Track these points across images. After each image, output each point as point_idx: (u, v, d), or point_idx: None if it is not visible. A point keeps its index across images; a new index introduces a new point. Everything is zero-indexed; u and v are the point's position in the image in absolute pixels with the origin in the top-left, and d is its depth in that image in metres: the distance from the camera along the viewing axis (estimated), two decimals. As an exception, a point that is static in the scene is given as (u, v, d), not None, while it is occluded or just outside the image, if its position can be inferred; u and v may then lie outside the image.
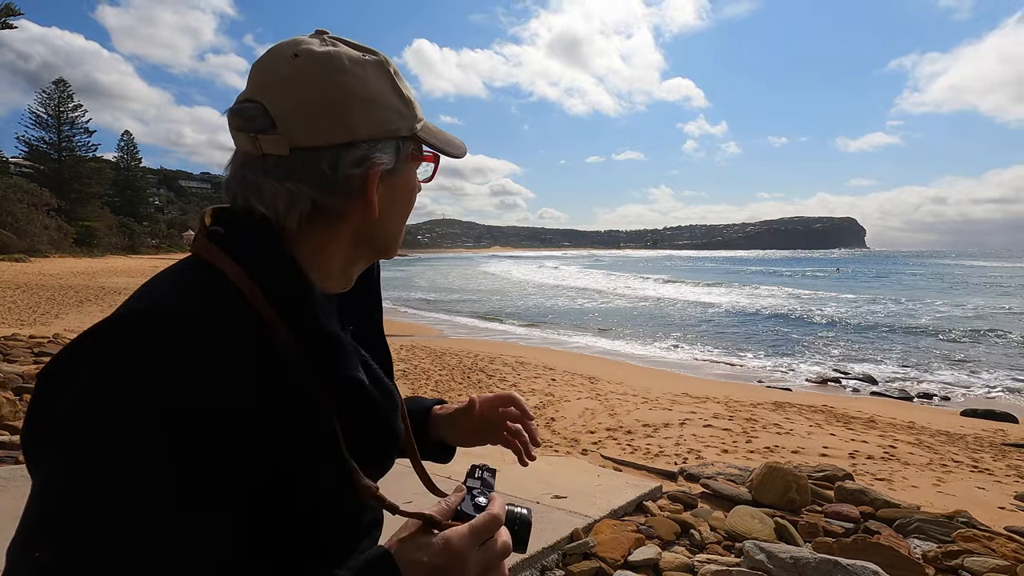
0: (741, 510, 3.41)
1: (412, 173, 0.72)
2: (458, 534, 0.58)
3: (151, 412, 0.49)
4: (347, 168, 0.62)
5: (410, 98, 0.69)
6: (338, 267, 0.70)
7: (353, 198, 0.64)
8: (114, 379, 0.50)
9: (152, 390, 0.49)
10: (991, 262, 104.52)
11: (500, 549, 0.60)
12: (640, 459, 5.10)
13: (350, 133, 0.62)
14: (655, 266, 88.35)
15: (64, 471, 0.48)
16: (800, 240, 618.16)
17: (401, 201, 0.71)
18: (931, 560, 2.93)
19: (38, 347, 7.76)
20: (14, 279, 23.69)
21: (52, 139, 62.64)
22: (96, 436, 0.48)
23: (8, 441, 3.83)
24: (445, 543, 0.57)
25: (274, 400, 0.55)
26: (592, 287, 38.68)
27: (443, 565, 0.56)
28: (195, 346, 0.52)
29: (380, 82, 0.66)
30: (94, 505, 0.47)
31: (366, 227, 0.68)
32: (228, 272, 0.58)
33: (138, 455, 0.48)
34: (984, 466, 5.53)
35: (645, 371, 10.98)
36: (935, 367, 12.56)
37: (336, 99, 0.62)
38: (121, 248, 61.84)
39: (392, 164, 0.66)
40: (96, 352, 0.52)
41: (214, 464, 0.50)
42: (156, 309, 0.55)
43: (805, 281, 49.91)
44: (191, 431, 0.49)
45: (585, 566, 2.75)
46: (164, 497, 0.48)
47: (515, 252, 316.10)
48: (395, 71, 0.68)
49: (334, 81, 0.62)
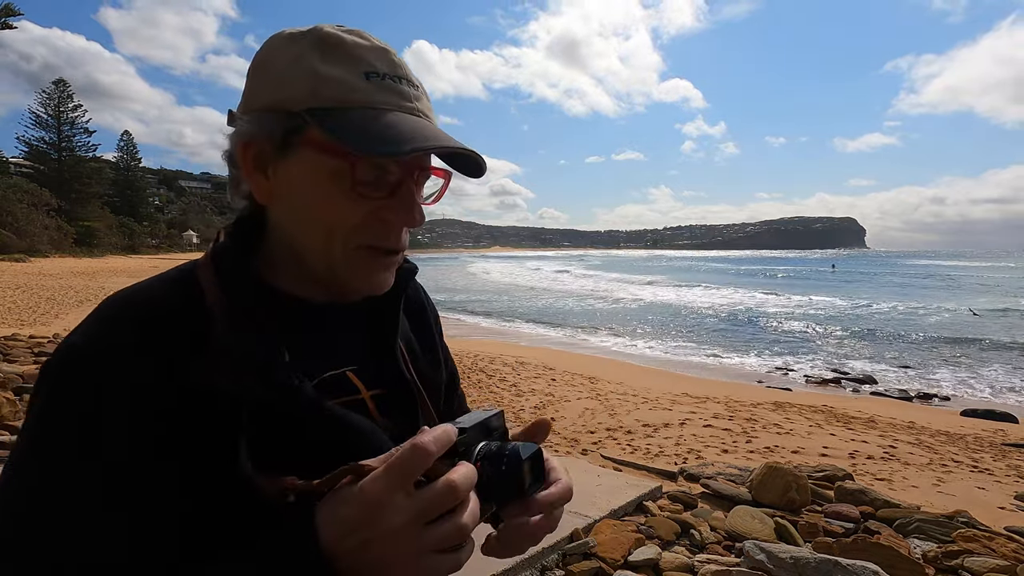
0: (741, 510, 3.41)
1: (318, 164, 0.58)
2: (371, 477, 0.46)
3: (67, 384, 0.51)
4: (231, 142, 0.62)
5: (320, 72, 0.57)
6: (300, 272, 0.63)
7: (244, 177, 0.62)
8: (51, 358, 0.53)
9: (74, 365, 0.52)
10: (987, 262, 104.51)
11: (441, 489, 0.45)
12: (640, 459, 5.10)
13: (240, 106, 0.62)
14: (644, 267, 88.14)
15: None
16: (800, 240, 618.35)
17: (304, 194, 0.59)
18: (931, 560, 2.93)
19: (38, 347, 7.77)
20: (14, 279, 23.69)
21: (52, 139, 62.71)
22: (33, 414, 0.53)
23: (8, 441, 3.83)
24: (358, 490, 0.46)
25: (186, 393, 0.53)
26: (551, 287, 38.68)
27: (357, 516, 0.45)
28: (131, 334, 0.53)
29: (287, 51, 0.59)
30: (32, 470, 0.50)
31: (277, 220, 0.63)
32: (200, 270, 0.60)
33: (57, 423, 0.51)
34: (984, 466, 5.52)
35: (645, 371, 10.98)
36: (935, 367, 12.56)
37: (248, 74, 0.62)
38: (121, 248, 61.90)
39: (275, 140, 0.58)
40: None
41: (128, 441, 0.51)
42: (124, 300, 0.58)
43: (804, 280, 49.91)
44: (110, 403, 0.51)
45: (585, 566, 2.75)
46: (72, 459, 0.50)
47: (513, 252, 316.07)
48: (329, 42, 0.59)
49: (254, 58, 0.62)
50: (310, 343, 0.63)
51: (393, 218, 0.61)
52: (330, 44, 0.59)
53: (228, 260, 0.60)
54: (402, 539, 0.44)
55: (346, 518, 0.45)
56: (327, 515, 0.46)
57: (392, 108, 0.59)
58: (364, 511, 0.45)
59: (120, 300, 0.57)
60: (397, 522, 0.44)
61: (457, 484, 0.46)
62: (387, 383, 0.68)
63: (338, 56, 0.58)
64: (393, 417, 0.67)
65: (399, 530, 0.44)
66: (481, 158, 0.62)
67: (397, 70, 0.61)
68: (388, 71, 0.60)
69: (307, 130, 0.57)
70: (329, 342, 0.66)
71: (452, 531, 0.46)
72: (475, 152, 0.61)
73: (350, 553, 0.45)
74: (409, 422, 0.67)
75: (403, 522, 0.44)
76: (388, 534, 0.44)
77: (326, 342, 0.65)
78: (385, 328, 0.71)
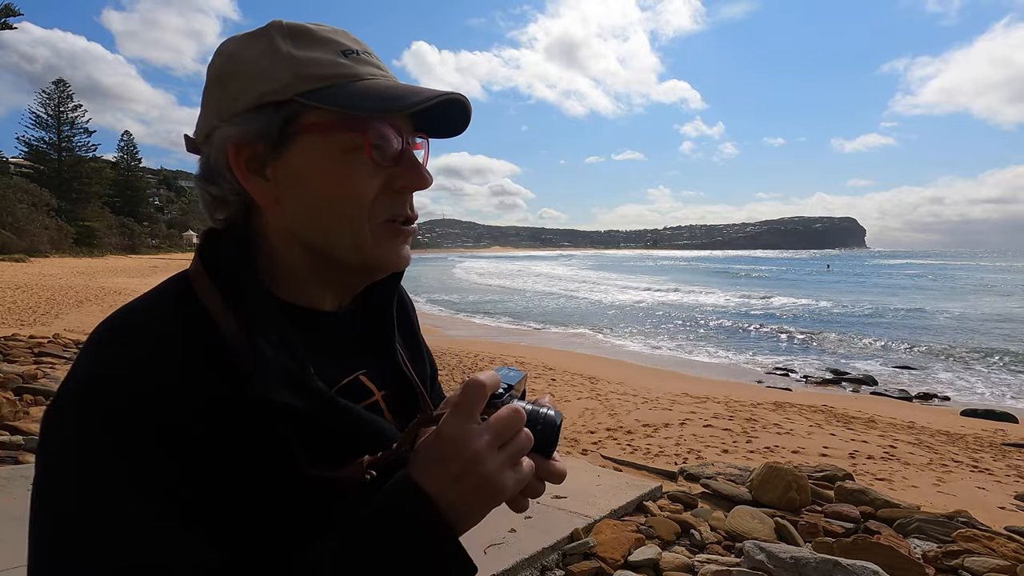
0: (741, 510, 3.41)
1: (319, 149, 0.57)
2: (444, 420, 0.52)
3: (93, 413, 0.49)
4: (212, 155, 0.58)
5: (296, 56, 0.56)
6: (306, 279, 0.63)
7: (239, 187, 0.58)
8: (66, 388, 0.51)
9: (96, 394, 0.49)
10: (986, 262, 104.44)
11: (507, 413, 0.52)
12: (640, 459, 5.11)
13: (215, 117, 0.58)
14: (641, 267, 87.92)
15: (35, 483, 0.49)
16: (801, 240, 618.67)
17: (314, 184, 0.58)
18: (931, 560, 2.93)
19: (38, 347, 7.77)
20: (14, 279, 23.68)
21: (52, 139, 62.65)
22: (54, 444, 0.50)
23: (8, 441, 3.83)
24: (436, 433, 0.51)
25: (214, 409, 0.52)
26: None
27: (445, 454, 0.50)
28: (144, 352, 0.52)
29: (249, 51, 0.58)
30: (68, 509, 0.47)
31: (282, 224, 0.60)
32: (195, 283, 0.57)
33: (91, 455, 0.48)
34: (984, 466, 5.53)
35: (645, 371, 10.98)
36: (935, 367, 12.57)
37: (208, 86, 0.60)
38: (121, 248, 61.88)
39: (267, 138, 0.57)
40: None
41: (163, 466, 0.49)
42: (122, 322, 0.55)
43: (803, 280, 49.89)
44: (133, 431, 0.49)
45: (585, 566, 2.75)
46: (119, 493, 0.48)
47: (512, 252, 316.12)
48: (290, 30, 0.58)
49: (212, 68, 0.60)
50: (320, 350, 0.63)
51: (405, 184, 0.61)
52: (298, 32, 0.58)
53: (231, 270, 0.57)
54: (486, 461, 0.50)
55: (436, 459, 0.51)
56: (420, 464, 0.51)
57: (376, 77, 0.59)
58: (450, 447, 0.50)
59: (119, 324, 0.55)
60: (479, 447, 0.50)
61: (519, 407, 0.53)
62: (391, 383, 0.69)
63: (308, 41, 0.58)
64: (398, 415, 0.68)
65: (482, 453, 0.50)
66: (467, 101, 0.62)
67: (365, 47, 0.62)
68: (360, 49, 0.61)
69: (303, 116, 0.56)
70: (336, 347, 0.66)
71: (523, 444, 0.53)
72: (464, 96, 0.61)
73: (448, 488, 0.50)
74: (412, 418, 0.69)
75: (484, 446, 0.50)
76: (473, 459, 0.50)
77: (334, 347, 0.65)
78: (383, 328, 0.72)
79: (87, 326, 11.65)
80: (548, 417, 0.57)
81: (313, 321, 0.64)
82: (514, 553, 2.67)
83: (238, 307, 0.55)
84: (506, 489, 0.51)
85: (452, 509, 0.50)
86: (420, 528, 0.50)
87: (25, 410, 4.67)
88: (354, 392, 0.64)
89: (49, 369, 6.49)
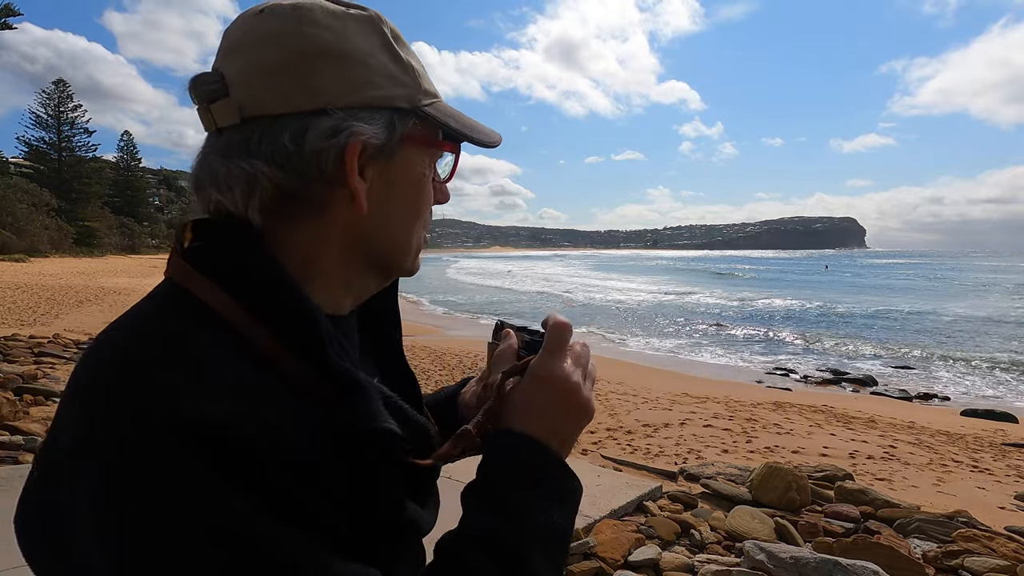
0: (741, 510, 3.41)
1: (418, 161, 0.57)
2: (536, 363, 0.57)
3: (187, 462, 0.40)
4: (315, 140, 0.49)
5: (412, 65, 0.56)
6: (338, 284, 0.57)
7: (329, 183, 0.51)
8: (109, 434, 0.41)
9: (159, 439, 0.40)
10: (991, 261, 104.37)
11: (580, 347, 0.60)
12: (640, 459, 5.10)
13: (318, 98, 0.50)
14: (641, 268, 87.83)
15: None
16: (801, 240, 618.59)
17: (403, 195, 0.56)
18: (931, 560, 2.93)
19: (38, 347, 7.77)
20: (14, 279, 23.68)
21: (52, 139, 62.66)
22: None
23: (8, 441, 3.83)
24: (531, 378, 0.57)
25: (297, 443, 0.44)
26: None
27: (549, 395, 0.56)
28: (214, 381, 0.43)
29: (365, 39, 0.53)
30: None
31: (357, 228, 0.54)
32: (206, 297, 0.47)
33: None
34: (984, 466, 5.53)
35: (645, 371, 10.98)
36: (935, 367, 12.57)
37: (300, 56, 0.50)
38: (121, 248, 61.89)
39: (382, 141, 0.52)
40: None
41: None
42: (119, 359, 0.45)
43: (800, 281, 49.89)
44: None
45: (585, 566, 2.75)
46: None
47: (512, 252, 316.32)
48: (393, 31, 0.55)
49: (299, 33, 0.50)
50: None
51: (439, 199, 0.64)
52: (397, 34, 0.56)
53: (263, 278, 0.48)
54: (585, 392, 0.58)
55: (542, 403, 0.56)
56: (523, 414, 0.56)
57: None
58: (555, 386, 0.56)
59: (137, 343, 0.45)
60: (577, 379, 0.57)
61: (583, 343, 0.61)
62: (399, 382, 0.67)
63: (406, 46, 0.56)
64: None
65: (579, 383, 0.57)
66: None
67: None
68: None
69: (411, 126, 0.55)
70: (352, 353, 0.61)
71: (593, 365, 0.61)
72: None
73: (557, 426, 0.57)
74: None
75: (579, 377, 0.58)
76: (574, 391, 0.57)
77: (351, 354, 0.62)
78: (393, 327, 0.72)
79: (87, 326, 11.66)
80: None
81: (338, 327, 0.58)
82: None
83: (267, 321, 0.47)
84: (592, 406, 0.59)
85: (563, 446, 0.57)
86: (546, 477, 0.55)
87: (25, 410, 4.67)
88: None
89: (49, 369, 6.49)
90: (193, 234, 0.51)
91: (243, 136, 0.50)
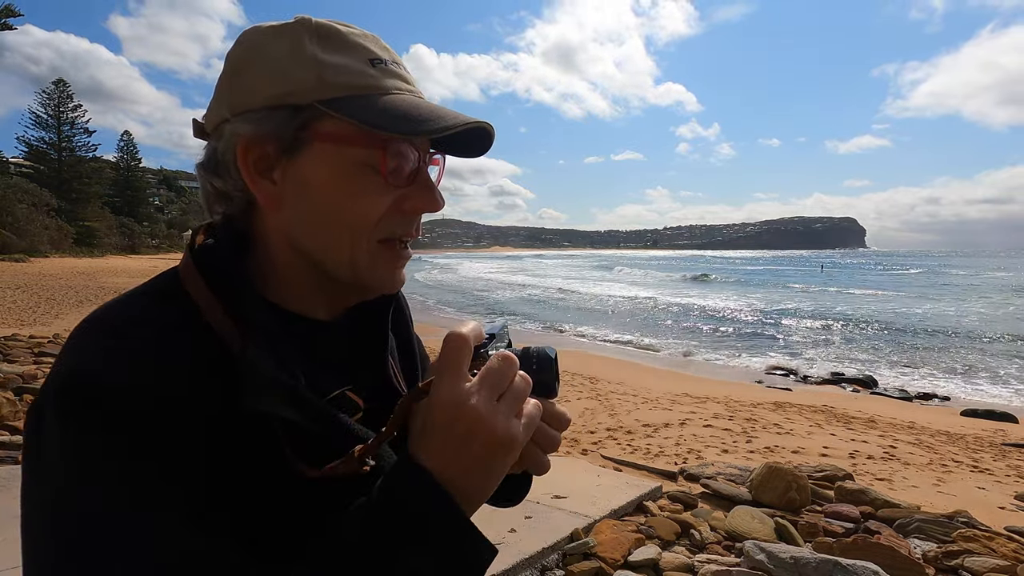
0: (741, 510, 3.41)
1: (335, 159, 0.55)
2: (434, 385, 0.48)
3: (115, 413, 0.46)
4: (222, 147, 0.56)
5: (329, 62, 0.54)
6: (296, 284, 0.60)
7: (241, 184, 0.56)
8: (53, 385, 0.48)
9: (113, 394, 0.46)
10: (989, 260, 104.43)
11: (496, 362, 0.49)
12: (640, 459, 5.10)
13: (228, 108, 0.56)
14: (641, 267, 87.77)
15: (43, 495, 0.46)
16: (801, 240, 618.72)
17: (319, 194, 0.55)
18: (931, 560, 2.93)
19: (38, 347, 7.77)
20: (14, 279, 23.69)
21: (52, 139, 62.69)
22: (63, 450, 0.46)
23: (8, 441, 3.83)
24: (429, 402, 0.48)
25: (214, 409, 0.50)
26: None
27: (444, 419, 0.47)
28: (152, 354, 0.49)
29: (277, 46, 0.55)
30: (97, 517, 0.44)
31: (282, 229, 0.58)
32: (185, 281, 0.55)
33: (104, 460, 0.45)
34: (984, 466, 5.53)
35: (645, 371, 10.98)
36: (935, 367, 12.56)
37: (226, 74, 0.57)
38: (121, 248, 61.90)
39: (276, 141, 0.54)
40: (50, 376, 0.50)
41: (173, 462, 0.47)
42: (121, 320, 0.52)
43: (798, 280, 49.92)
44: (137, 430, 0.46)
45: (585, 566, 2.75)
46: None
47: (512, 252, 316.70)
48: (319, 32, 0.55)
49: (230, 54, 0.58)
50: (311, 359, 0.59)
51: (416, 206, 0.59)
52: (327, 33, 0.55)
53: (223, 270, 0.55)
54: (488, 415, 0.47)
55: (435, 428, 0.47)
56: (418, 440, 0.48)
57: (402, 92, 0.57)
58: (447, 412, 0.47)
59: (112, 317, 0.52)
60: (477, 403, 0.47)
61: (508, 354, 0.50)
62: (380, 396, 0.65)
63: (337, 45, 0.55)
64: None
65: (481, 409, 0.46)
66: (492, 131, 0.60)
67: (394, 56, 0.60)
68: (388, 58, 0.58)
69: (319, 123, 0.54)
70: (327, 357, 0.62)
71: (522, 388, 0.50)
72: (491, 125, 0.59)
73: (456, 456, 0.47)
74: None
75: (482, 401, 0.47)
76: (474, 418, 0.46)
77: (324, 357, 0.62)
78: (376, 342, 0.68)
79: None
80: (541, 354, 0.54)
81: (305, 329, 0.61)
82: (514, 553, 2.66)
83: (231, 310, 0.53)
84: (516, 438, 0.48)
85: (464, 478, 0.47)
86: (422, 507, 0.45)
87: (25, 410, 4.67)
88: (340, 406, 0.60)
89: (49, 369, 6.49)
90: (204, 235, 0.60)
91: (205, 152, 0.59)
